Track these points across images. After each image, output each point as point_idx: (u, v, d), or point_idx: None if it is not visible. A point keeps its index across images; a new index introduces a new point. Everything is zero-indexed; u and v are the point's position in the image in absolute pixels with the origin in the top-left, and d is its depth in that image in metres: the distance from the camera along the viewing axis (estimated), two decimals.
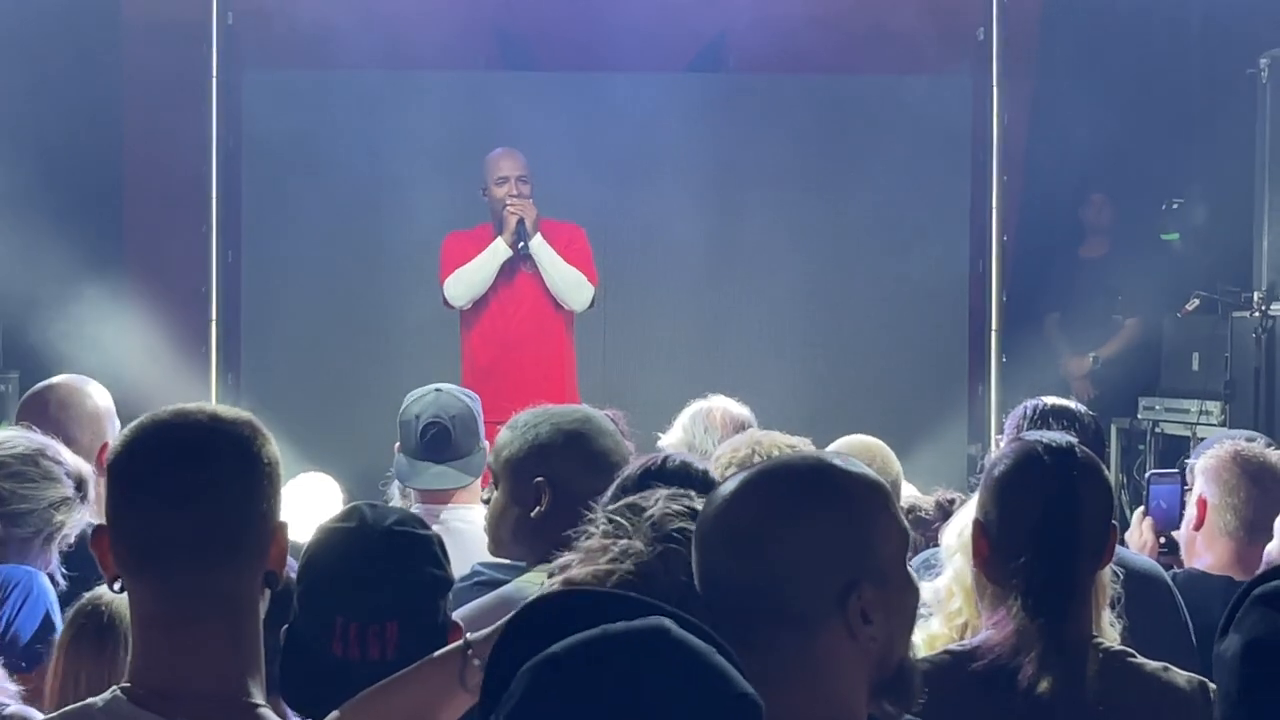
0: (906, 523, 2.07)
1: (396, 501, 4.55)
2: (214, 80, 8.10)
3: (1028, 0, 8.79)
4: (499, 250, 7.28)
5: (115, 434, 4.18)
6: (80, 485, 3.48)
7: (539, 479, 3.30)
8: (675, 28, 8.72)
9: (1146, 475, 4.61)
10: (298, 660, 2.48)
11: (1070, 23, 8.83)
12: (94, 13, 8.45)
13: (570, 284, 7.31)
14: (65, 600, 3.20)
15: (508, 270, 7.32)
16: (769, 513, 1.98)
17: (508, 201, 7.25)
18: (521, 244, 7.23)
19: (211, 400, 7.45)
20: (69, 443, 3.84)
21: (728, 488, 2.02)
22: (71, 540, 3.52)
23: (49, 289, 8.31)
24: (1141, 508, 4.35)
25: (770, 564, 1.95)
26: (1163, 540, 4.22)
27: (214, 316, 8.10)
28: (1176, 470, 4.42)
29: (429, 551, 2.53)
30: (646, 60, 8.76)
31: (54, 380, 4.49)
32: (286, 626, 2.49)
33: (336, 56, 8.31)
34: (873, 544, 1.99)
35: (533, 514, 3.29)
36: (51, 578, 3.46)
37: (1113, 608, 2.81)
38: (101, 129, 8.54)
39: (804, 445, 3.80)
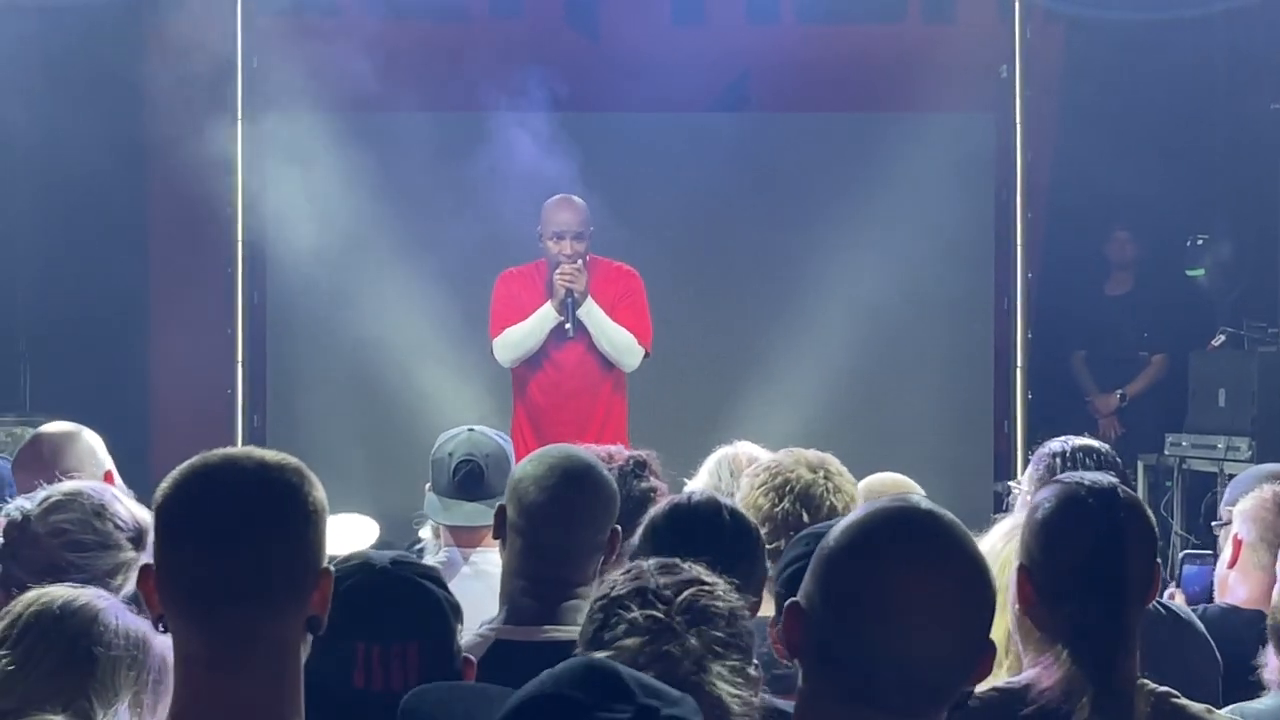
0: None
1: (428, 541, 4.53)
2: (239, 123, 8.14)
3: (1051, 37, 8.80)
4: (547, 317, 7.09)
5: (99, 465, 4.37)
6: (140, 537, 3.47)
7: (506, 523, 3.32)
8: (698, 67, 8.73)
9: (1181, 554, 4.62)
10: (315, 701, 2.48)
11: (1093, 59, 8.83)
12: (120, 56, 8.48)
13: (619, 348, 7.11)
14: None
15: (559, 327, 7.13)
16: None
17: (560, 264, 7.03)
18: (568, 324, 7.04)
19: (237, 443, 7.47)
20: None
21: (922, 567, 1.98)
22: (130, 592, 3.53)
23: (75, 333, 8.34)
24: (1175, 586, 4.36)
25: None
26: None
27: (239, 358, 8.12)
28: (1211, 553, 4.43)
29: (434, 577, 2.57)
30: (669, 100, 8.78)
31: (42, 428, 4.62)
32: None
33: (361, 99, 8.34)
34: None
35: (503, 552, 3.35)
36: None
37: None
38: (127, 173, 8.58)
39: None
